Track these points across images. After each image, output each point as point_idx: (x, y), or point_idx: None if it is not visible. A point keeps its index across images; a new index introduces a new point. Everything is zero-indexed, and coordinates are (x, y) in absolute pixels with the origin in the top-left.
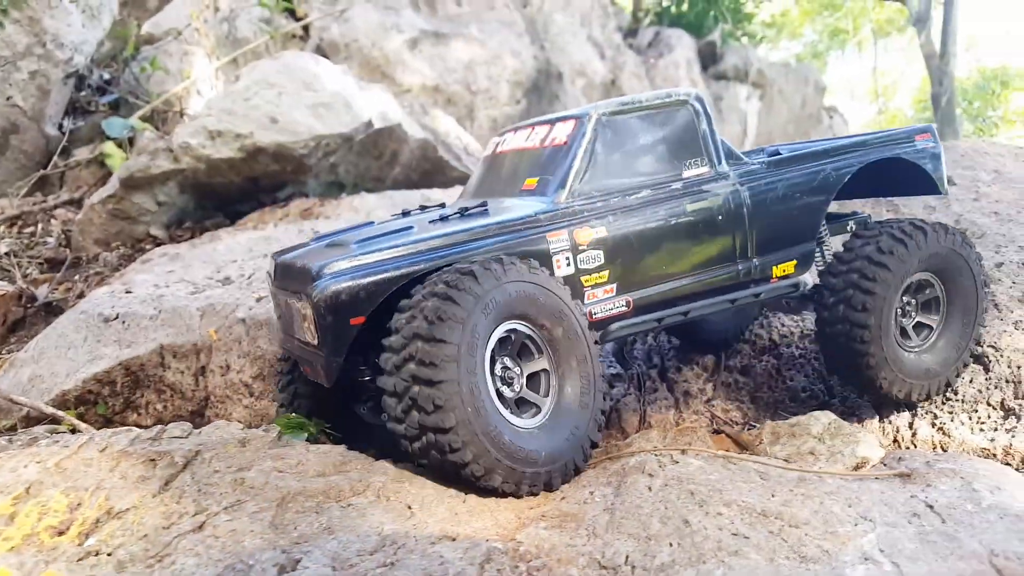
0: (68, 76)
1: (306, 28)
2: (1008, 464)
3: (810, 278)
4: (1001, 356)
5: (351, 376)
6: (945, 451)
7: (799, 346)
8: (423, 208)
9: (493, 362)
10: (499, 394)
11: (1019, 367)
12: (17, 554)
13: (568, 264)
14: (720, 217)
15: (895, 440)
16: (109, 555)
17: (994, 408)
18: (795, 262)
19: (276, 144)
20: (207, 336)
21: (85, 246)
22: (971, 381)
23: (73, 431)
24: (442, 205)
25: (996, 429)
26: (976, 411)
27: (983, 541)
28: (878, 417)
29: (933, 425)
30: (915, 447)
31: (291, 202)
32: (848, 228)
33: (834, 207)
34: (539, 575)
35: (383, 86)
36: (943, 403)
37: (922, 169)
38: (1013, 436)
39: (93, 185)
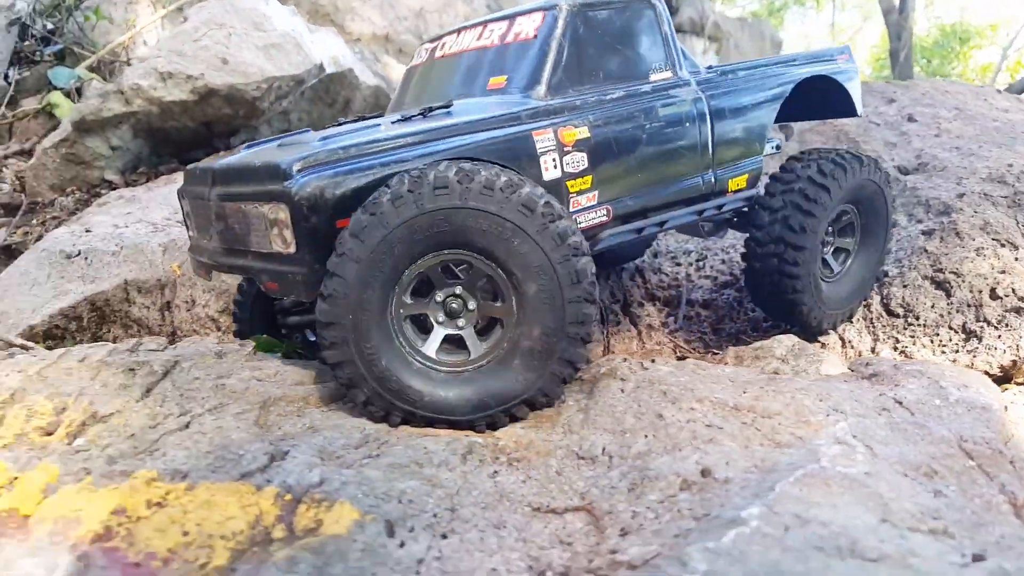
0: (11, 24)
1: None
2: None
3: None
4: (963, 281)
5: None
6: None
7: None
8: (362, 118)
9: None
10: None
11: (980, 291)
12: (10, 451)
13: (555, 167)
14: (687, 124)
15: None
16: (101, 451)
17: (955, 331)
18: (747, 176)
19: (228, 86)
20: (170, 271)
21: (40, 191)
22: (932, 306)
23: None
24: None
25: (958, 351)
26: (938, 334)
27: (952, 428)
28: (841, 343)
29: (895, 348)
30: None
31: None
32: (773, 148)
33: None
34: (519, 465)
35: (333, 31)
36: (904, 328)
37: (844, 89)
38: (975, 356)
39: (43, 136)
